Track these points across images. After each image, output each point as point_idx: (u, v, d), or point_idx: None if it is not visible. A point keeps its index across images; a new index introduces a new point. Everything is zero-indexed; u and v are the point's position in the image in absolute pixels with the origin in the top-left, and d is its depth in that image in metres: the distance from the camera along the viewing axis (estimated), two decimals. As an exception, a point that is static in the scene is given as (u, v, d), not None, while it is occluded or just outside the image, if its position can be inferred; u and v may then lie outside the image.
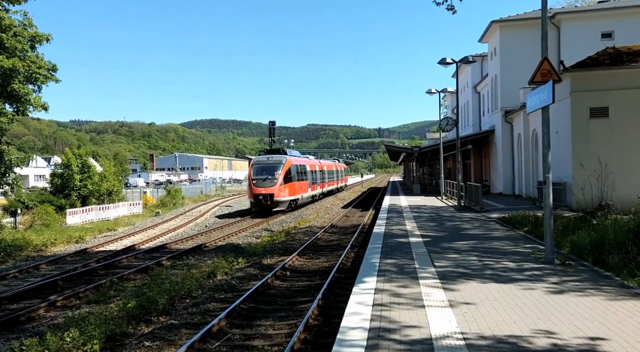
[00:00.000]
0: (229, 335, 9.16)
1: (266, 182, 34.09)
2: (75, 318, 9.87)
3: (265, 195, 33.71)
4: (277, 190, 33.87)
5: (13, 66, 19.78)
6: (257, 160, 36.98)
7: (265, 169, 35.24)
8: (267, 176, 34.48)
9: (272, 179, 34.18)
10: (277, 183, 33.94)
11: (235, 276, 14.49)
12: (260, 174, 35.00)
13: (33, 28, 21.44)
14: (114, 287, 13.12)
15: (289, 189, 35.41)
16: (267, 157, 36.96)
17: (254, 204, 34.50)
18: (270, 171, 34.82)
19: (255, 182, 34.37)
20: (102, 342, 8.46)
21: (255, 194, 33.94)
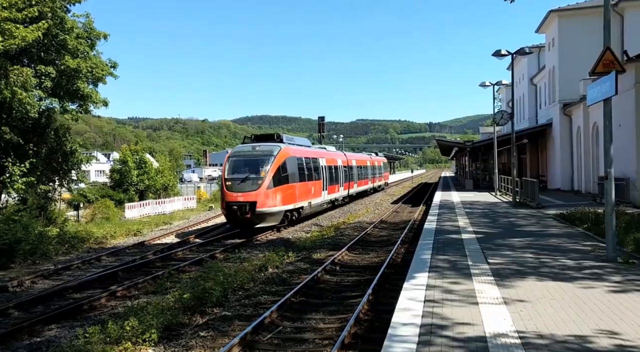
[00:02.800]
0: (280, 328, 9.29)
1: (245, 183, 22.24)
2: (134, 308, 10.28)
3: (243, 204, 21.74)
4: (263, 196, 21.90)
5: (77, 66, 20.74)
6: (236, 151, 24.51)
7: (247, 163, 23.15)
8: (248, 175, 22.52)
9: (255, 179, 22.27)
10: (262, 185, 22.01)
11: (285, 269, 14.67)
12: (237, 172, 22.93)
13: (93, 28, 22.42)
14: (171, 279, 13.56)
15: (284, 194, 23.14)
16: (251, 147, 24.28)
17: (227, 216, 22.95)
18: (254, 167, 22.82)
19: (228, 184, 22.59)
20: (159, 331, 8.76)
21: (228, 203, 22.05)
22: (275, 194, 22.47)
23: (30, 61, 20.98)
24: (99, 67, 21.88)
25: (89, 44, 22.28)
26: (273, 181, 22.33)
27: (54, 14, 20.05)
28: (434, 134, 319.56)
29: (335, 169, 32.99)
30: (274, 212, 22.64)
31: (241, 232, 22.90)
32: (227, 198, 22.26)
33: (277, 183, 22.56)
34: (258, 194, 21.82)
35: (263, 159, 22.87)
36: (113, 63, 23.28)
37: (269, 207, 22.16)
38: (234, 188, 22.27)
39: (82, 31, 22.00)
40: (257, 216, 21.94)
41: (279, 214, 23.04)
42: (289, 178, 23.60)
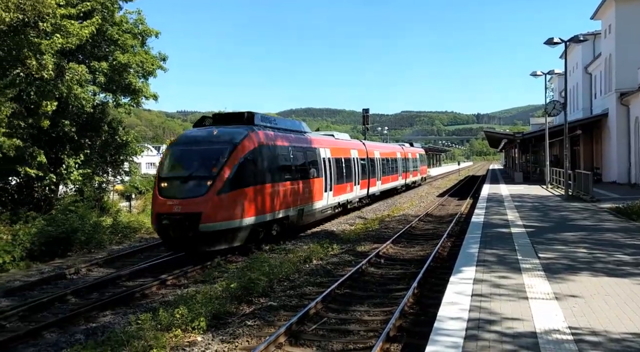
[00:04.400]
0: (325, 319, 9.35)
1: (186, 186, 14.91)
2: (183, 296, 10.55)
3: (180, 217, 14.29)
4: (212, 204, 14.35)
5: (127, 61, 21.42)
6: (182, 138, 16.75)
7: (193, 156, 15.52)
8: (192, 173, 15.08)
9: (201, 180, 14.77)
10: (212, 188, 14.49)
11: (330, 261, 14.71)
12: (178, 168, 15.62)
13: (144, 24, 23.09)
14: (218, 269, 13.86)
15: (251, 201, 15.43)
16: (205, 132, 16.35)
17: (159, 233, 15.19)
18: (202, 161, 15.27)
19: (163, 186, 15.11)
20: (208, 319, 8.97)
21: (160, 215, 14.60)
22: (234, 201, 14.47)
23: (85, 57, 21.79)
24: (149, 61, 22.50)
25: (140, 41, 22.95)
26: (231, 182, 14.45)
27: (105, 11, 20.73)
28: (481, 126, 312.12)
29: (346, 162, 25.21)
30: (233, 229, 14.49)
31: None
32: (158, 207, 14.45)
33: (238, 184, 14.70)
34: (205, 202, 14.00)
35: (218, 150, 15.05)
36: (163, 56, 23.95)
37: (223, 220, 14.15)
38: (170, 192, 14.57)
39: (133, 27, 22.68)
40: (202, 235, 13.88)
41: (242, 231, 14.90)
42: (260, 176, 15.75)
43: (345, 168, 24.95)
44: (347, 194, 25.34)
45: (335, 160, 23.62)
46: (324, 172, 21.75)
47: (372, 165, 30.59)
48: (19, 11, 14.90)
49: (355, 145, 28.87)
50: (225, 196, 14.49)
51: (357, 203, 28.54)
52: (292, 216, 18.50)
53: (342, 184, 24.38)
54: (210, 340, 8.28)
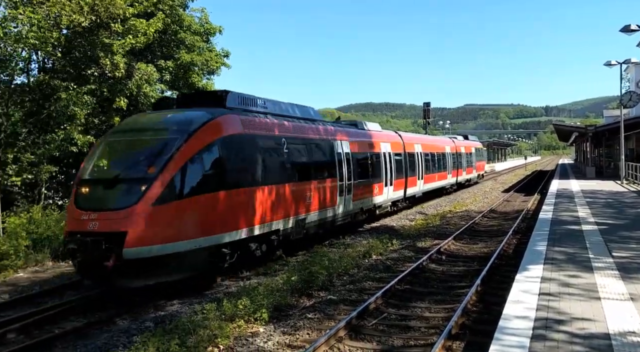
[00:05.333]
0: (385, 314, 9.29)
1: (110, 193, 10.56)
2: (246, 288, 10.82)
3: (95, 238, 9.64)
4: (145, 219, 9.88)
5: (192, 60, 22.13)
6: (123, 124, 13.25)
7: (129, 150, 11.50)
8: (121, 173, 10.70)
9: (132, 183, 10.38)
10: (147, 195, 9.99)
11: (389, 257, 14.60)
12: (104, 168, 11.18)
13: (209, 23, 23.79)
14: (279, 262, 14.08)
15: (212, 213, 11.12)
16: (154, 117, 12.53)
17: (69, 254, 10.42)
18: (138, 157, 11.08)
19: (82, 193, 10.77)
20: (269, 311, 9.14)
21: (71, 233, 10.14)
22: (182, 214, 10.41)
23: (153, 56, 22.67)
24: (213, 60, 23.14)
25: (204, 39, 23.64)
26: (179, 186, 10.45)
27: (172, 11, 21.48)
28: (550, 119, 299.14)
29: (374, 158, 20.78)
30: (179, 255, 10.27)
31: None
32: (69, 223, 10.51)
33: (191, 189, 10.66)
34: (133, 216, 9.79)
35: (162, 142, 10.92)
36: (226, 52, 24.57)
37: (163, 241, 10.00)
38: (88, 202, 10.46)
39: (198, 26, 23.40)
40: (127, 265, 9.65)
41: (197, 256, 10.68)
42: (232, 177, 11.69)
43: (371, 165, 20.27)
44: (374, 197, 20.63)
45: (358, 155, 18.93)
46: (341, 170, 17.15)
47: (411, 161, 25.77)
48: (92, 13, 15.70)
49: (388, 137, 23.87)
50: (167, 207, 10.01)
51: (390, 207, 23.63)
52: (288, 228, 13.91)
53: (367, 185, 19.75)
54: (271, 331, 8.43)
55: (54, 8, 14.88)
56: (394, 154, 23.22)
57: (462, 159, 38.33)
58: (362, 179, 19.25)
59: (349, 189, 17.87)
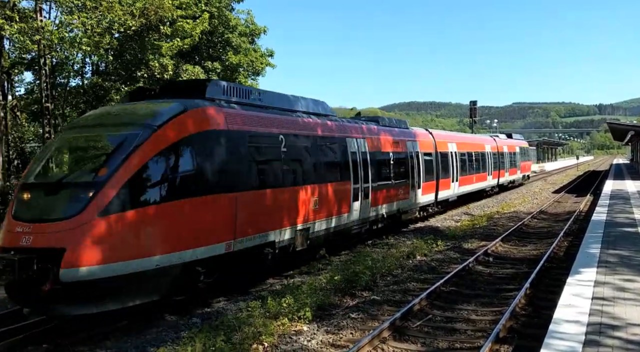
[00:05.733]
0: (430, 316, 9.16)
1: (49, 200, 8.64)
2: (290, 286, 10.90)
3: (26, 256, 7.66)
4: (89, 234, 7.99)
5: (239, 62, 22.54)
6: (83, 118, 11.30)
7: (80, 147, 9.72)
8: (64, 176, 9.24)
9: (77, 190, 8.54)
10: (92, 206, 8.13)
11: (434, 258, 14.38)
12: (49, 170, 9.56)
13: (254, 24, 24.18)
14: (322, 261, 14.11)
15: (180, 224, 9.18)
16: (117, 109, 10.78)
17: None
18: (88, 157, 9.45)
19: (21, 200, 8.81)
20: (313, 310, 9.17)
21: (3, 248, 8.12)
22: (139, 226, 8.68)
23: (200, 58, 23.21)
24: (258, 61, 23.48)
25: (250, 40, 24.03)
26: (135, 192, 8.70)
27: (220, 13, 21.92)
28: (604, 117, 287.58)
29: (398, 158, 18.57)
30: (134, 276, 8.45)
31: None
32: (3, 237, 8.48)
33: (151, 196, 8.97)
34: (73, 229, 8.04)
35: (117, 138, 9.20)
36: (270, 51, 24.92)
37: (112, 260, 8.22)
38: (25, 211, 8.67)
39: (244, 27, 23.80)
40: (65, 289, 7.86)
41: (159, 278, 8.91)
42: (207, 180, 9.81)
43: (394, 166, 18.17)
44: (398, 202, 18.56)
45: (378, 155, 16.95)
46: (357, 172, 15.24)
47: (443, 161, 23.53)
48: (143, 17, 16.20)
49: (415, 135, 21.52)
50: (119, 218, 8.28)
51: (418, 213, 21.61)
52: (286, 239, 12.08)
53: (388, 188, 17.70)
54: (315, 330, 8.46)
55: (107, 13, 15.44)
56: (422, 154, 21.03)
57: (505, 159, 35.51)
58: (383, 181, 17.19)
59: (365, 193, 15.74)
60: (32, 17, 15.33)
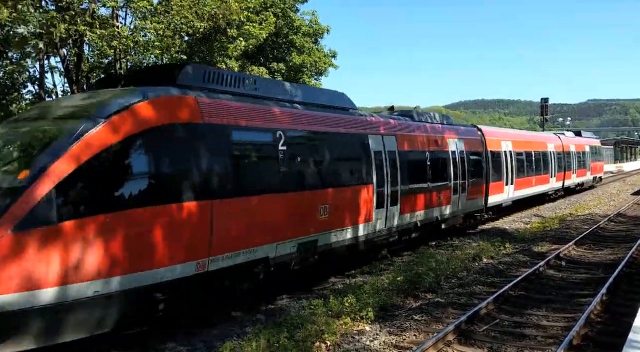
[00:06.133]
0: (498, 320, 8.86)
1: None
2: (352, 286, 10.89)
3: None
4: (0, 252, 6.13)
5: (303, 62, 22.80)
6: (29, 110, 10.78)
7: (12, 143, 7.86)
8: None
9: None
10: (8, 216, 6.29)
11: (502, 261, 13.92)
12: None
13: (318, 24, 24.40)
14: (384, 261, 14.00)
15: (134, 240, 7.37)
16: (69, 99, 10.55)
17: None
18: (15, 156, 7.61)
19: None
20: (375, 310, 9.11)
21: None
22: (74, 242, 6.73)
23: (265, 60, 23.68)
24: (321, 61, 23.67)
25: (314, 41, 24.26)
26: (67, 199, 6.87)
27: (284, 15, 22.27)
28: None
29: (433, 159, 15.91)
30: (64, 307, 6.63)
31: None
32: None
33: (95, 205, 7.13)
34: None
35: (55, 133, 7.48)
36: (333, 53, 25.09)
37: (32, 288, 6.33)
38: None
39: (308, 28, 24.06)
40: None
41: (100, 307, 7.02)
42: (171, 185, 8.15)
43: (432, 168, 15.77)
44: (436, 208, 16.14)
45: (410, 155, 14.80)
46: (381, 175, 13.19)
47: (495, 162, 20.79)
48: (211, 20, 16.72)
49: (461, 132, 19.00)
50: (42, 233, 6.53)
51: (462, 220, 18.96)
52: (284, 255, 10.21)
53: (426, 193, 15.47)
54: (378, 331, 8.40)
55: (178, 17, 16.06)
56: (468, 153, 18.48)
57: (572, 160, 32.22)
58: (416, 185, 14.92)
59: (393, 199, 13.64)
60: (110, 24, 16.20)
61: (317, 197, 11.05)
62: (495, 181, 20.78)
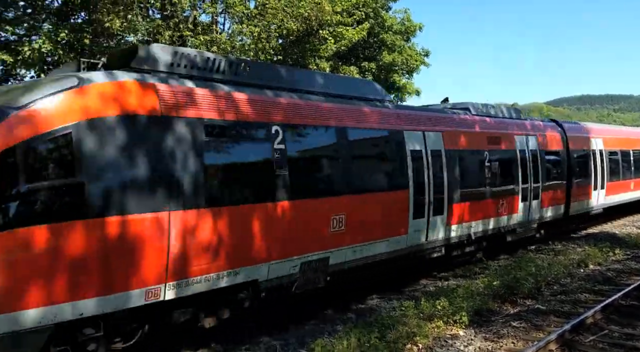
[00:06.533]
0: (606, 331, 8.24)
1: None
2: (444, 289, 10.64)
3: None
4: None
5: (393, 61, 22.59)
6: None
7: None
8: None
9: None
10: None
11: (610, 267, 12.94)
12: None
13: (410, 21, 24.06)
14: (479, 264, 13.53)
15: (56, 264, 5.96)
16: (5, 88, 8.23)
17: None
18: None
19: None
20: (469, 315, 8.81)
21: None
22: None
23: (356, 59, 23.72)
24: (413, 58, 23.32)
25: (405, 38, 23.95)
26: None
27: (376, 14, 22.18)
28: None
29: (494, 158, 13.85)
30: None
31: None
32: None
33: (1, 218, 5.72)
34: None
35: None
36: (426, 51, 24.60)
37: None
38: None
39: (400, 26, 23.80)
40: None
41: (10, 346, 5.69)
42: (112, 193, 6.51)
43: (494, 169, 13.75)
44: (503, 217, 14.07)
45: (463, 154, 12.73)
46: (420, 178, 11.22)
47: (580, 162, 17.94)
48: (304, 22, 17.03)
49: (533, 127, 16.34)
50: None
51: (536, 232, 16.22)
52: (278, 278, 8.51)
53: (477, 199, 13.10)
54: (472, 336, 8.12)
55: (273, 19, 16.53)
56: (543, 153, 15.89)
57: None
58: (469, 189, 12.72)
59: (437, 207, 11.62)
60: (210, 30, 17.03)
61: (327, 206, 9.19)
62: (580, 185, 17.82)
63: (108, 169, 6.47)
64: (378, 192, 10.29)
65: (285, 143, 8.51)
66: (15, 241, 5.70)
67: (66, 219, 6.06)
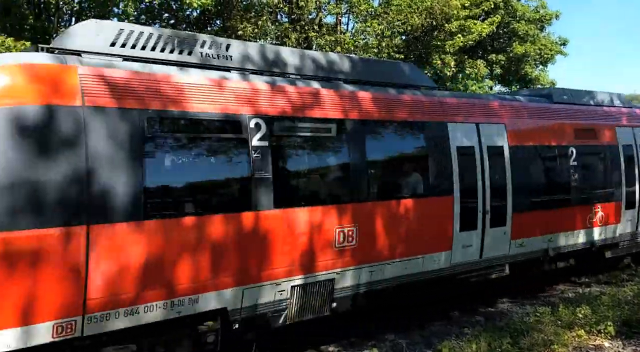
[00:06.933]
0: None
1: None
2: (585, 295, 9.87)
3: None
4: None
5: (525, 52, 21.29)
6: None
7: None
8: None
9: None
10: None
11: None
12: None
13: (545, 9, 22.53)
14: (628, 271, 12.40)
15: None
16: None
17: None
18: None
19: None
20: (616, 325, 8.04)
21: None
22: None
23: (483, 52, 22.74)
24: (547, 47, 21.82)
25: (539, 27, 22.48)
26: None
27: (506, 3, 21.08)
28: None
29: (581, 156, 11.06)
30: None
31: None
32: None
33: None
34: None
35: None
36: (563, 40, 22.90)
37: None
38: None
39: (533, 13, 22.39)
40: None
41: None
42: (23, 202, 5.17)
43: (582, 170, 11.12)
44: (595, 229, 11.36)
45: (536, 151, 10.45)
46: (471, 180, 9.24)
47: None
48: (429, 16, 16.71)
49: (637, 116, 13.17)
50: None
51: (636, 248, 12.71)
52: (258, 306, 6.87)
53: (559, 206, 10.59)
54: (620, 348, 7.39)
55: (398, 16, 16.43)
56: None
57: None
58: (547, 195, 10.41)
59: (497, 217, 9.52)
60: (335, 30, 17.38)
61: (330, 216, 7.46)
62: None
63: (9, 169, 5.14)
64: (403, 198, 8.38)
65: (267, 139, 6.87)
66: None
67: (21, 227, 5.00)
